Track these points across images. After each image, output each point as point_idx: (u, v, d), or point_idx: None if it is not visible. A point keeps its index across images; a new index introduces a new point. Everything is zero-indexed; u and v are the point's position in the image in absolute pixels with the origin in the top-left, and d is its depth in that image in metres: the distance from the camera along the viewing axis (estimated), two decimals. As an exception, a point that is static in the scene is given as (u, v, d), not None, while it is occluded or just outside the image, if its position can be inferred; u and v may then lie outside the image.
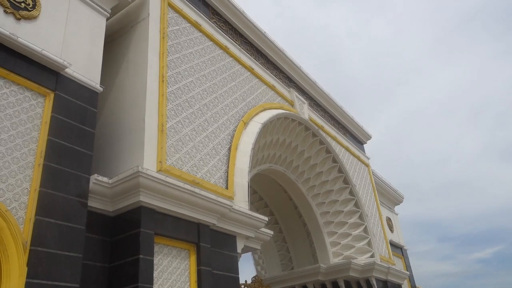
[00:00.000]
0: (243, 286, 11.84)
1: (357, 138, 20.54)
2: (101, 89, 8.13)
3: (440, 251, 67.06)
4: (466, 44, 65.34)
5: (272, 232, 10.96)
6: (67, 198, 6.68)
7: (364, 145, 21.24)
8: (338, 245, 15.59)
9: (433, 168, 67.93)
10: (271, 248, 16.67)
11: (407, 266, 21.51)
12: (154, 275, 7.34)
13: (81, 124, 7.41)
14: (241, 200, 9.88)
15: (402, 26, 66.33)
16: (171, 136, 8.74)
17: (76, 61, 7.81)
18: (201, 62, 10.77)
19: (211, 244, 8.59)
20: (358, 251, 15.62)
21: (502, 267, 64.05)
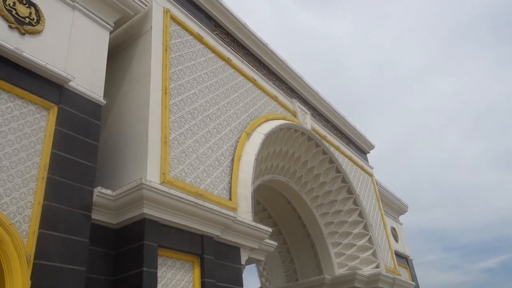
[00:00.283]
0: (248, 298, 11.75)
1: (360, 148, 20.50)
2: (105, 102, 8.17)
3: (446, 261, 66.35)
4: (469, 52, 65.41)
5: (276, 243, 10.89)
6: (71, 211, 6.69)
7: (367, 155, 21.19)
8: (343, 256, 15.48)
9: (437, 177, 67.53)
10: (275, 259, 16.57)
11: (413, 277, 21.29)
12: (158, 288, 7.29)
13: (85, 137, 7.44)
14: (245, 211, 9.85)
15: (404, 36, 66.60)
16: (174, 148, 8.75)
17: (80, 74, 7.87)
18: (204, 74, 10.83)
19: (215, 256, 8.54)
20: (363, 262, 15.49)
21: (509, 277, 63.25)
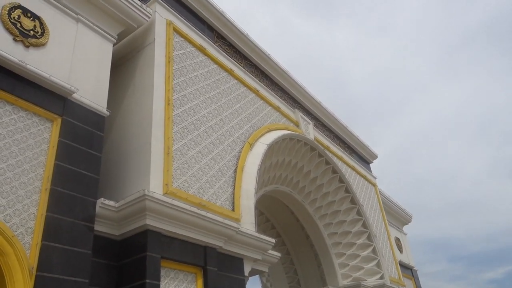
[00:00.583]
0: (251, 310, 11.64)
1: (363, 158, 20.45)
2: (108, 113, 8.21)
3: (451, 271, 65.65)
4: (471, 61, 65.50)
5: (280, 254, 10.83)
6: (74, 223, 6.68)
7: (371, 165, 21.14)
8: (347, 267, 15.36)
9: (441, 187, 67.17)
10: (279, 270, 16.45)
11: (418, 287, 21.10)
12: (161, 300, 7.25)
13: (88, 148, 7.46)
14: (248, 222, 9.80)
15: (406, 45, 66.80)
16: (177, 159, 8.76)
17: (83, 86, 7.92)
18: (206, 85, 10.88)
19: (218, 267, 8.49)
20: (367, 273, 15.36)
21: (516, 288, 62.48)
